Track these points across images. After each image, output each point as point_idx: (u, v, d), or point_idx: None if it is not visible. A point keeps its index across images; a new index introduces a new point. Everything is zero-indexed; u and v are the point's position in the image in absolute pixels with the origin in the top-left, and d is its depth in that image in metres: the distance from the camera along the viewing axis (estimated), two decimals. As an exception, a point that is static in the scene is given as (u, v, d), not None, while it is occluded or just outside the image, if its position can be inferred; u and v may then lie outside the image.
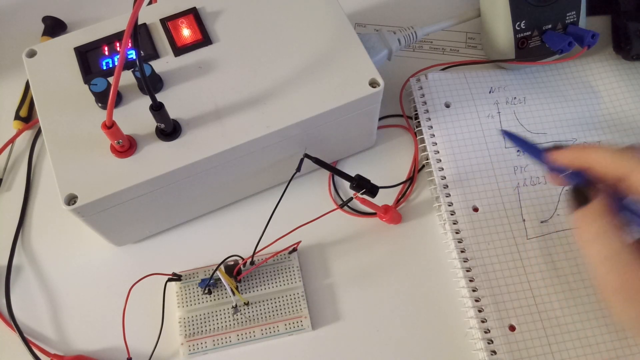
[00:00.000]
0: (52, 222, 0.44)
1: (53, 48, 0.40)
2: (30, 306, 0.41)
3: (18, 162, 0.47)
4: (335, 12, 0.41)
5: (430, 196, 0.44)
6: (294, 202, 0.42)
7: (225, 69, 0.39)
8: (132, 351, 0.38)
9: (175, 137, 0.36)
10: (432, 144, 0.44)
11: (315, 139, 0.40)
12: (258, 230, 0.38)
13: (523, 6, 0.44)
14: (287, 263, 0.41)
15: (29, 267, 0.42)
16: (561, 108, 0.46)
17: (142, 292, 0.38)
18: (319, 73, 0.38)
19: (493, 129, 0.45)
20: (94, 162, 0.36)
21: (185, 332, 0.39)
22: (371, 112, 0.40)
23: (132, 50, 0.39)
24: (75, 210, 0.34)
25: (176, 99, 0.38)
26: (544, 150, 0.32)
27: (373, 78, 0.38)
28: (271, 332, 0.38)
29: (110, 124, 0.33)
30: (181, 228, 0.43)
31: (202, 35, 0.40)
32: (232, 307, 0.39)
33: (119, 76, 0.30)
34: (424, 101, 0.46)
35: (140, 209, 0.38)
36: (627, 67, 0.48)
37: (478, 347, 0.37)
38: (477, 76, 0.47)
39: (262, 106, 0.37)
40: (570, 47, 0.44)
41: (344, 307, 0.40)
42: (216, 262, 0.39)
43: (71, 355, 0.39)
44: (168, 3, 0.41)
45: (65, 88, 0.38)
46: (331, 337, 0.39)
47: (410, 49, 0.51)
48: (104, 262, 0.42)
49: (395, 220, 0.42)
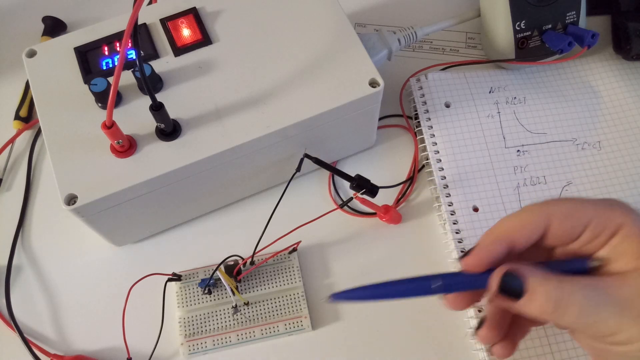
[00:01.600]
0: (52, 222, 0.44)
1: (53, 48, 0.40)
2: (30, 306, 0.41)
3: (18, 162, 0.47)
4: (335, 12, 0.41)
5: (430, 196, 0.44)
6: (294, 202, 0.42)
7: (225, 69, 0.39)
8: (132, 351, 0.38)
9: (175, 137, 0.36)
10: (432, 144, 0.44)
11: (315, 139, 0.40)
12: (258, 230, 0.38)
13: (523, 6, 0.44)
14: (287, 263, 0.41)
15: (29, 267, 0.42)
16: (561, 108, 0.46)
17: (142, 292, 0.38)
18: (319, 73, 0.38)
19: (493, 129, 0.45)
20: (94, 162, 0.36)
21: (185, 332, 0.39)
22: (371, 112, 0.40)
23: (132, 50, 0.39)
24: (75, 210, 0.34)
25: (176, 99, 0.38)
26: (433, 277, 0.27)
27: (373, 78, 0.38)
28: (271, 332, 0.38)
29: (110, 124, 0.33)
30: (181, 228, 0.43)
31: (202, 35, 0.40)
32: (232, 307, 0.39)
33: (119, 76, 0.31)
34: (424, 101, 0.46)
35: (140, 209, 0.38)
36: (627, 67, 0.48)
37: (478, 347, 0.37)
38: (477, 76, 0.47)
39: (262, 106, 0.37)
40: (570, 47, 0.44)
41: (344, 307, 0.40)
42: (216, 262, 0.39)
43: (71, 355, 0.39)
44: (168, 3, 0.41)
45: (65, 88, 0.38)
46: (331, 337, 0.39)
47: (410, 49, 0.51)
48: (104, 262, 0.42)
49: (395, 220, 0.42)
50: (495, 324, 0.29)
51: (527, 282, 0.26)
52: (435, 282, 0.27)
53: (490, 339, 0.29)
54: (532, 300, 0.26)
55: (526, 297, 0.26)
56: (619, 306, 0.25)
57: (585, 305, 0.25)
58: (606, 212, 0.27)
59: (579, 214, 0.27)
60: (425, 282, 0.27)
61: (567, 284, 0.25)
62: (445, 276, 0.27)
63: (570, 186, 0.42)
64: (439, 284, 0.27)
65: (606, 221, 0.27)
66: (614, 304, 0.25)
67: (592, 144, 0.44)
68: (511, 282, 0.26)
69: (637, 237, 0.26)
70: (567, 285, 0.25)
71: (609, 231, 0.27)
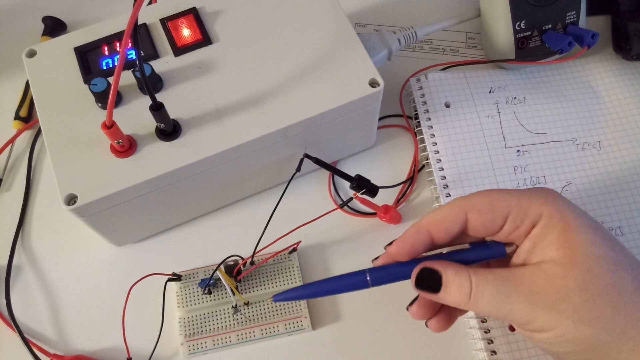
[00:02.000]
0: (52, 222, 0.44)
1: (53, 48, 0.40)
2: (30, 306, 0.41)
3: (18, 162, 0.47)
4: (335, 12, 0.41)
5: (430, 196, 0.44)
6: (294, 202, 0.42)
7: (225, 69, 0.39)
8: (132, 351, 0.38)
9: (175, 137, 0.36)
10: (432, 144, 0.44)
11: (315, 139, 0.40)
12: (258, 230, 0.38)
13: (523, 6, 0.44)
14: (287, 263, 0.41)
15: (29, 267, 0.42)
16: (561, 108, 0.46)
17: (142, 292, 0.38)
18: (319, 73, 0.38)
19: (493, 129, 0.45)
20: (94, 162, 0.36)
21: (185, 332, 0.39)
22: (371, 112, 0.40)
23: (132, 50, 0.39)
24: (75, 210, 0.34)
25: (176, 99, 0.38)
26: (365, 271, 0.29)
27: (373, 78, 0.38)
28: (271, 332, 0.38)
29: (110, 124, 0.33)
30: (181, 228, 0.43)
31: (202, 35, 0.40)
32: (232, 307, 0.39)
33: (119, 76, 0.30)
34: (424, 101, 0.46)
35: (140, 209, 0.38)
36: (627, 67, 0.48)
37: (478, 347, 0.37)
38: (477, 76, 0.47)
39: (262, 106, 0.37)
40: (570, 47, 0.44)
41: (344, 307, 0.40)
42: (216, 262, 0.39)
43: (71, 355, 0.39)
44: (168, 3, 0.41)
45: (65, 88, 0.38)
46: (331, 337, 0.39)
47: (410, 49, 0.51)
48: (104, 262, 0.42)
49: (395, 220, 0.42)
50: (425, 303, 0.31)
51: (442, 277, 0.28)
52: (370, 275, 0.29)
53: (420, 316, 0.31)
54: (447, 293, 0.28)
55: (442, 290, 0.28)
56: (529, 295, 0.26)
57: (496, 295, 0.26)
58: (526, 203, 0.28)
59: (497, 206, 0.28)
60: (361, 276, 0.29)
61: (479, 277, 0.27)
62: (376, 269, 0.30)
63: (570, 186, 0.42)
64: (373, 276, 0.29)
65: (526, 211, 0.28)
66: (525, 293, 0.26)
67: (592, 144, 0.44)
68: (429, 276, 0.28)
69: (554, 228, 0.27)
70: (480, 277, 0.27)
71: (529, 222, 0.28)
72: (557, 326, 0.26)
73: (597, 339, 0.25)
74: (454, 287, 0.27)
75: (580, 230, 0.27)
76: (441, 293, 0.28)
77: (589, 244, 0.26)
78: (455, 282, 0.27)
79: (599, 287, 0.25)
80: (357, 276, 0.30)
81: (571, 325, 0.25)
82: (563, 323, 0.25)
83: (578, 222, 0.27)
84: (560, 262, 0.26)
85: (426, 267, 0.28)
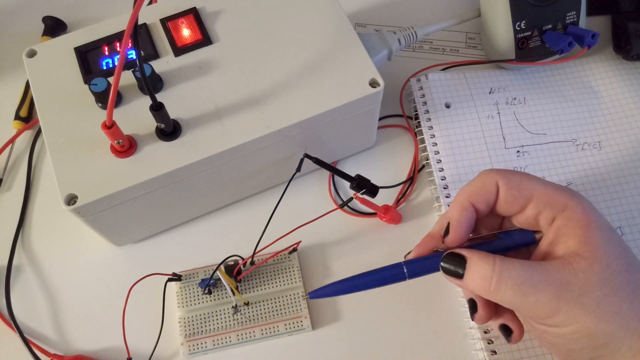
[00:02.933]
0: (52, 222, 0.44)
1: (53, 48, 0.40)
2: (30, 306, 0.41)
3: (18, 162, 0.47)
4: (335, 12, 0.41)
5: (430, 196, 0.44)
6: (294, 202, 0.42)
7: (225, 69, 0.39)
8: (132, 351, 0.38)
9: (175, 137, 0.36)
10: (432, 144, 0.44)
11: (315, 139, 0.40)
12: (258, 230, 0.38)
13: (523, 6, 0.44)
14: (287, 263, 0.41)
15: (29, 267, 0.42)
16: (561, 108, 0.46)
17: (142, 292, 0.38)
18: (319, 73, 0.38)
19: (493, 129, 0.45)
20: (94, 162, 0.36)
21: (185, 332, 0.39)
22: (371, 112, 0.40)
23: (132, 50, 0.39)
24: (75, 210, 0.34)
25: (176, 99, 0.38)
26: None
27: (373, 78, 0.38)
28: (271, 332, 0.38)
29: (110, 124, 0.33)
30: (181, 228, 0.43)
31: (202, 35, 0.40)
32: (232, 307, 0.39)
33: (119, 76, 0.30)
34: (424, 101, 0.46)
35: (140, 209, 0.38)
36: (627, 67, 0.48)
37: (478, 347, 0.37)
38: (477, 76, 0.47)
39: (262, 106, 0.37)
40: (570, 47, 0.44)
41: (344, 307, 0.40)
42: (216, 262, 0.39)
43: (71, 355, 0.39)
44: (168, 3, 0.41)
45: (65, 88, 0.38)
46: (331, 337, 0.39)
47: (410, 49, 0.51)
48: (104, 262, 0.42)
49: (395, 220, 0.42)
50: (485, 302, 0.30)
51: (466, 261, 0.28)
52: (407, 267, 0.30)
53: (486, 318, 0.31)
54: (471, 279, 0.28)
55: (466, 276, 0.28)
56: (557, 287, 0.26)
57: (522, 284, 0.26)
58: (552, 192, 0.28)
59: (523, 185, 0.29)
60: (397, 268, 0.30)
61: (504, 264, 0.27)
62: (411, 261, 0.30)
63: (571, 186, 0.42)
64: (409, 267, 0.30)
65: (550, 200, 0.28)
66: (553, 284, 0.26)
67: (592, 144, 0.44)
68: (455, 261, 0.28)
69: (579, 222, 0.27)
70: (505, 265, 0.27)
71: (552, 210, 0.28)
72: (577, 321, 0.26)
73: (613, 335, 0.26)
74: (476, 272, 0.27)
75: (601, 227, 0.27)
76: (465, 278, 0.28)
77: (608, 241, 0.27)
78: (478, 266, 0.27)
79: (617, 282, 0.26)
80: (394, 269, 0.30)
81: (592, 321, 0.26)
82: (584, 318, 0.26)
83: (599, 221, 0.27)
84: (584, 256, 0.26)
85: (453, 252, 0.29)
